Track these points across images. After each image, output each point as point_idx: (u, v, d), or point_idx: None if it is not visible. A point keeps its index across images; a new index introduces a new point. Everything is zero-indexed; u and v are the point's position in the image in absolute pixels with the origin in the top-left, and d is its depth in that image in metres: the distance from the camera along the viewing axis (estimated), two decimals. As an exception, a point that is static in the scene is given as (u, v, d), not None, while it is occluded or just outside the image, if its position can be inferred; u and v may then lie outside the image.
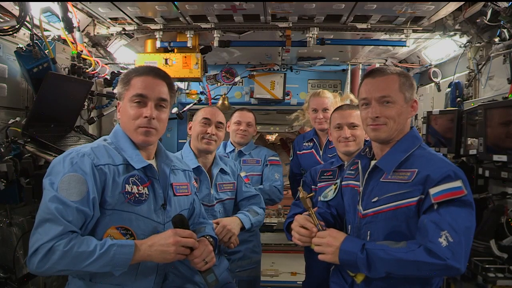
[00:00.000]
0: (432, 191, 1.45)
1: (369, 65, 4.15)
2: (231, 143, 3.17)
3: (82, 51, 2.79)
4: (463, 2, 2.52)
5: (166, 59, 3.22)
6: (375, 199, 1.60)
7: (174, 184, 1.76)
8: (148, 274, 1.61)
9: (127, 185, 1.53)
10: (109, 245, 1.40)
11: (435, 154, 1.61)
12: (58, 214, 1.36)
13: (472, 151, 2.50)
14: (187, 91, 4.46)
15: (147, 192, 1.59)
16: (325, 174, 2.41)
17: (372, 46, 3.49)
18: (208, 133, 2.35)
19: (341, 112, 2.36)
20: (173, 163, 1.80)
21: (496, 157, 2.17)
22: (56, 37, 2.60)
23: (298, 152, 3.18)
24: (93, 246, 1.38)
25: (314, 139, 3.06)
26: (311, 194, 1.66)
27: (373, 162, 1.69)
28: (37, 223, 1.38)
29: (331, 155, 2.79)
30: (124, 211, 1.51)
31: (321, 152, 3.00)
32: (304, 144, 3.13)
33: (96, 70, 2.95)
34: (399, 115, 1.60)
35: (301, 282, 3.01)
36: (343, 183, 1.89)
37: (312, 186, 2.45)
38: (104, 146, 1.58)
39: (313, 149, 3.06)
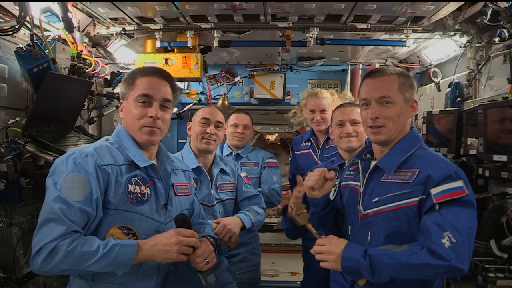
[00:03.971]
0: (434, 191, 1.45)
1: (369, 65, 4.15)
2: (228, 146, 3.16)
3: (82, 51, 2.78)
4: (463, 2, 2.53)
5: (166, 59, 3.22)
6: (376, 199, 1.59)
7: (175, 184, 1.77)
8: (150, 274, 1.61)
9: (129, 185, 1.54)
10: (112, 245, 1.40)
11: (435, 154, 1.61)
12: (61, 214, 1.36)
13: (472, 151, 2.50)
14: (187, 91, 4.46)
15: (149, 192, 1.59)
16: None
17: (372, 46, 3.49)
18: (208, 132, 2.35)
19: (342, 109, 2.37)
20: (174, 163, 1.81)
21: (496, 157, 2.17)
22: (56, 37, 2.60)
23: (296, 152, 3.19)
24: (96, 246, 1.38)
25: (312, 139, 3.06)
26: (303, 211, 1.65)
27: (373, 163, 1.69)
28: (40, 223, 1.38)
29: (328, 155, 2.79)
30: (126, 211, 1.52)
31: (318, 153, 2.99)
32: (302, 144, 3.13)
33: (96, 70, 2.95)
34: (399, 115, 1.60)
35: (300, 282, 3.01)
36: (342, 183, 1.88)
37: None
38: (106, 146, 1.58)
39: (310, 149, 3.06)
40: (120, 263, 1.41)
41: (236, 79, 4.39)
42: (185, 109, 4.12)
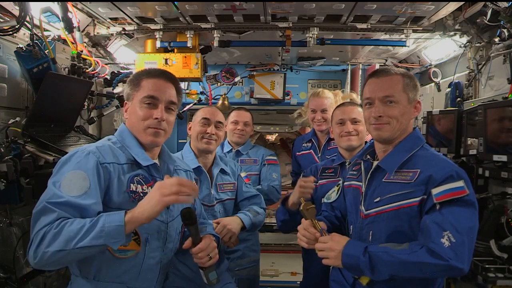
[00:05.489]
0: (435, 191, 1.45)
1: (369, 65, 4.15)
2: (229, 142, 3.17)
3: (82, 51, 2.78)
4: (463, 2, 2.53)
5: (166, 59, 3.22)
6: (377, 199, 1.60)
7: None
8: (151, 272, 1.62)
9: (132, 184, 1.54)
10: (98, 216, 1.37)
11: (437, 154, 1.61)
12: (50, 206, 1.35)
13: (472, 151, 2.49)
14: (187, 91, 4.46)
15: None
16: (326, 171, 2.41)
17: (372, 46, 3.49)
18: (208, 132, 2.36)
19: (343, 108, 2.38)
20: (176, 163, 1.82)
21: (496, 157, 2.17)
22: (56, 37, 2.60)
23: (297, 153, 3.18)
24: (83, 222, 1.34)
25: (313, 140, 3.06)
26: (312, 206, 1.67)
27: (375, 163, 1.69)
28: (33, 219, 1.38)
29: (329, 156, 2.79)
30: (128, 210, 1.51)
31: (319, 154, 2.99)
32: (303, 144, 3.13)
33: (96, 70, 2.95)
34: (402, 115, 1.61)
35: (300, 282, 3.01)
36: (345, 183, 1.89)
37: None
38: (109, 145, 1.59)
39: (311, 150, 3.06)
40: (109, 233, 1.33)
41: (236, 79, 4.39)
42: (185, 109, 4.12)
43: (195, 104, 4.20)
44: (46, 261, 1.33)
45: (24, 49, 2.24)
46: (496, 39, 2.55)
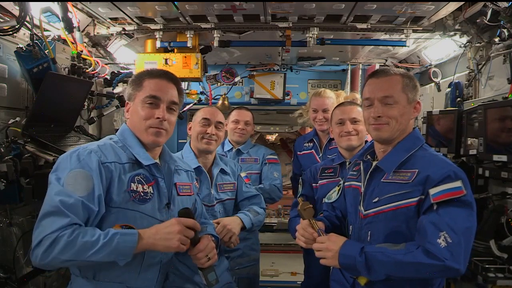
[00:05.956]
0: (432, 191, 1.45)
1: (369, 65, 4.14)
2: (229, 141, 3.17)
3: (82, 51, 2.78)
4: (463, 2, 2.53)
5: (166, 59, 3.22)
6: (376, 200, 1.60)
7: (177, 184, 1.78)
8: (151, 272, 1.62)
9: (132, 184, 1.55)
10: (112, 234, 1.39)
11: (436, 155, 1.61)
12: (63, 208, 1.36)
13: (472, 151, 2.49)
14: (187, 91, 4.46)
15: (151, 191, 1.60)
16: (326, 172, 2.41)
17: (372, 46, 3.49)
18: (208, 133, 2.36)
19: (342, 108, 2.38)
20: (177, 163, 1.82)
21: (496, 157, 2.17)
22: (56, 37, 2.60)
23: (298, 153, 3.18)
24: (96, 236, 1.37)
25: (314, 140, 3.06)
26: (309, 206, 1.67)
27: (374, 163, 1.69)
28: (41, 216, 1.38)
29: (330, 156, 2.79)
30: (129, 209, 1.52)
31: (321, 154, 2.99)
32: (305, 144, 3.13)
33: (96, 70, 2.95)
34: (402, 115, 1.61)
35: (301, 282, 3.01)
36: (345, 183, 1.90)
37: (313, 184, 2.45)
38: (110, 144, 1.60)
39: (313, 150, 3.06)
40: (120, 252, 1.40)
41: (236, 79, 4.39)
42: (185, 109, 4.12)
43: (195, 104, 4.20)
44: (53, 265, 1.37)
45: (24, 49, 2.24)
46: (496, 39, 2.55)
